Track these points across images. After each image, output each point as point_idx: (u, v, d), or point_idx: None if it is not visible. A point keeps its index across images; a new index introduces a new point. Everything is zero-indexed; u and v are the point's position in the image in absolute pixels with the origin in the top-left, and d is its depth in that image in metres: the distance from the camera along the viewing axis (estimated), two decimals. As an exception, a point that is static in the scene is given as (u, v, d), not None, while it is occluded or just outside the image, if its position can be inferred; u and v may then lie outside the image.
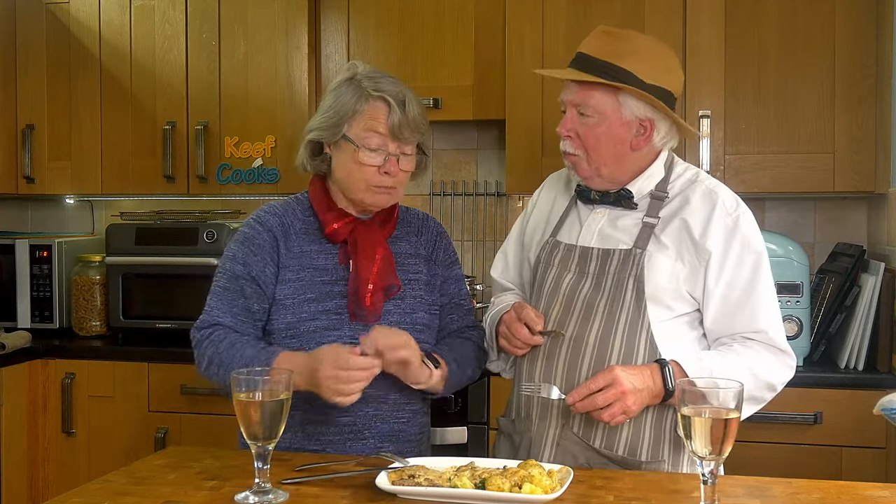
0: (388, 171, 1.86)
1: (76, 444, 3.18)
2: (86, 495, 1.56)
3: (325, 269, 1.90)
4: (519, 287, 2.12)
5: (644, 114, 1.86)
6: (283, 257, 1.89)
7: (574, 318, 1.85)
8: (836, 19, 2.84)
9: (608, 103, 1.84)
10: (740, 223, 1.84)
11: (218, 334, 1.85)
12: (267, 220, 1.92)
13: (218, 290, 1.91)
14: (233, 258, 1.91)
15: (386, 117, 1.84)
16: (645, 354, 1.80)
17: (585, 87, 1.84)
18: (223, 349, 1.83)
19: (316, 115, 1.93)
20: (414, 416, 1.95)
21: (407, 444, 1.92)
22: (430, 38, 3.20)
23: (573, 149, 1.88)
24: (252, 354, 1.79)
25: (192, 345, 1.90)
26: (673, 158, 1.96)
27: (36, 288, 3.42)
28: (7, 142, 3.47)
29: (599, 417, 1.72)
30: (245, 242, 1.91)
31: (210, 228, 3.23)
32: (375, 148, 1.85)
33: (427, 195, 3.54)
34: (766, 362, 1.81)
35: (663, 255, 1.83)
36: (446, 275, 2.04)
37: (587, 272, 1.88)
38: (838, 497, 1.54)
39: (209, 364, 1.85)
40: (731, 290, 1.82)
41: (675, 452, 1.84)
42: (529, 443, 1.88)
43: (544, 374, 1.86)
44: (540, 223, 2.05)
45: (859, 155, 2.83)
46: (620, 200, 1.90)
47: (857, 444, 2.61)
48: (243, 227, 1.94)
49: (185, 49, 3.33)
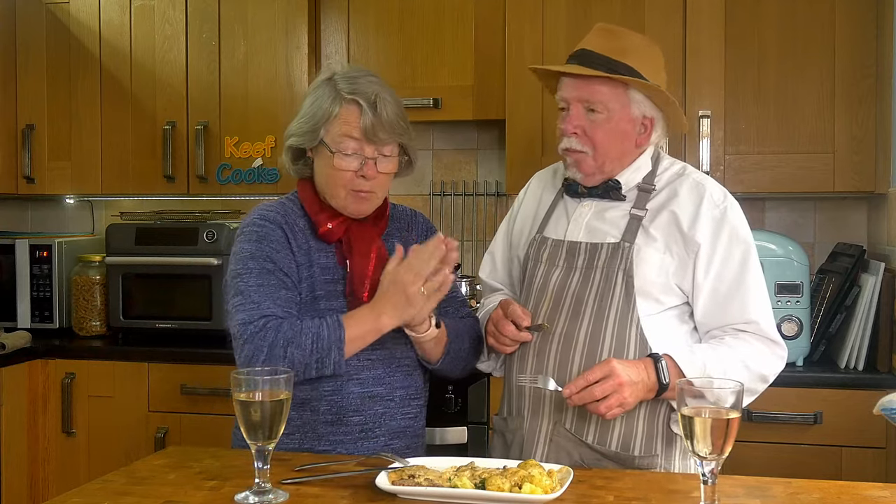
0: (365, 174, 1.84)
1: (76, 444, 3.18)
2: (86, 495, 1.55)
3: (328, 268, 1.90)
4: (508, 287, 2.12)
5: (649, 111, 1.88)
6: (296, 254, 1.87)
7: (563, 313, 1.85)
8: (836, 19, 2.84)
9: (618, 99, 1.85)
10: (728, 215, 1.85)
11: (276, 321, 1.77)
12: (272, 216, 1.89)
13: (252, 286, 1.80)
14: (254, 256, 1.83)
15: (359, 120, 1.82)
16: (635, 349, 1.81)
17: (594, 82, 1.84)
18: (286, 328, 1.75)
19: (295, 119, 1.91)
20: (420, 412, 1.97)
21: (415, 438, 1.94)
22: (430, 38, 3.20)
23: (580, 145, 1.87)
24: (318, 323, 1.76)
25: (242, 339, 1.77)
26: (659, 153, 1.97)
27: (36, 288, 3.42)
28: (7, 142, 3.47)
29: (596, 410, 1.71)
30: (262, 240, 1.85)
31: (210, 228, 3.23)
32: (351, 153, 1.83)
33: (427, 195, 3.54)
34: (759, 354, 1.82)
35: (652, 248, 1.83)
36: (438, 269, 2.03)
37: (575, 267, 1.88)
38: (838, 497, 1.54)
39: (271, 349, 1.73)
40: (721, 282, 1.83)
41: (668, 447, 1.85)
42: (522, 440, 1.88)
43: (535, 370, 1.86)
44: (527, 220, 2.05)
45: (859, 155, 2.83)
46: (609, 192, 1.90)
47: (857, 444, 2.60)
48: (249, 226, 1.88)
49: (185, 49, 3.33)
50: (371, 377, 1.88)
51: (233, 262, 1.86)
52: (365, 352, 1.84)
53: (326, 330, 1.75)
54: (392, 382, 1.89)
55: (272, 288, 1.81)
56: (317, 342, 1.75)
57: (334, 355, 1.75)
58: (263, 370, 1.55)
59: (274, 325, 1.76)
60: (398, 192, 3.52)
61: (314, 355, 1.75)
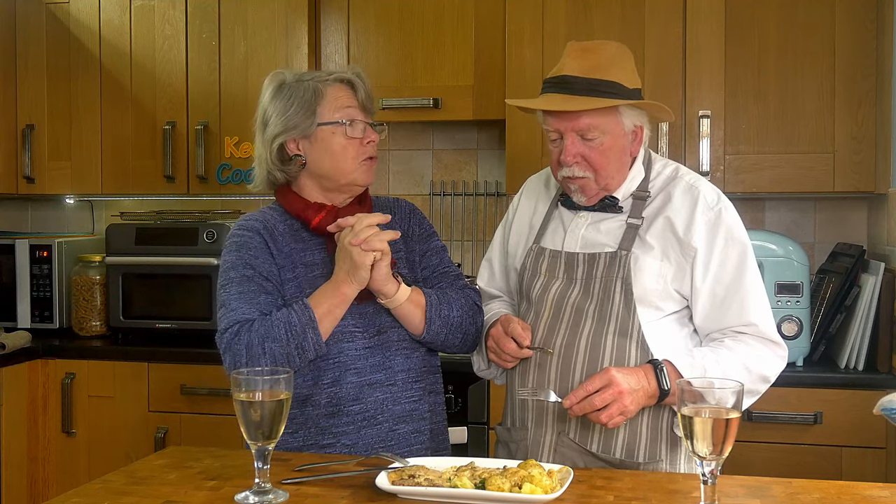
0: (371, 139, 1.93)
1: (76, 444, 3.18)
2: (86, 495, 1.56)
3: (315, 264, 1.92)
4: (507, 294, 2.12)
5: (637, 120, 1.89)
6: (276, 257, 1.90)
7: (563, 325, 1.85)
8: (836, 19, 2.84)
9: (610, 120, 1.84)
10: (722, 216, 1.85)
11: (245, 326, 1.81)
12: (251, 224, 1.93)
13: (234, 294, 1.85)
14: (234, 265, 1.88)
15: (351, 94, 1.92)
16: (637, 356, 1.80)
17: (585, 113, 1.82)
18: (257, 327, 1.79)
19: (267, 125, 1.92)
20: (423, 393, 1.95)
21: (422, 422, 1.93)
22: (430, 38, 3.20)
23: (582, 172, 1.86)
24: (285, 312, 1.80)
25: (222, 349, 1.82)
26: (650, 155, 1.97)
27: (36, 288, 3.42)
28: (7, 142, 3.47)
29: (597, 419, 1.71)
30: (241, 248, 1.89)
31: (210, 228, 3.23)
32: (355, 120, 1.91)
33: (427, 195, 3.54)
34: (759, 355, 1.82)
35: (649, 256, 1.83)
36: (425, 248, 2.04)
37: (575, 278, 1.87)
38: (838, 497, 1.54)
39: (249, 349, 1.78)
40: (719, 285, 1.82)
41: (672, 451, 1.84)
42: (526, 450, 1.88)
43: (537, 382, 1.86)
44: (523, 229, 2.05)
45: (859, 155, 2.83)
46: (605, 207, 1.90)
47: (857, 444, 2.61)
48: (229, 237, 1.93)
49: (185, 49, 3.33)
50: (369, 365, 1.88)
51: (219, 275, 1.93)
52: (362, 340, 1.87)
53: (296, 316, 1.79)
54: (392, 367, 1.89)
55: (252, 294, 1.86)
56: (290, 330, 1.78)
57: (311, 337, 1.79)
58: (263, 370, 1.55)
59: (246, 328, 1.80)
60: (398, 192, 3.53)
61: (291, 343, 1.78)
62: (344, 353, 1.86)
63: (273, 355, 1.77)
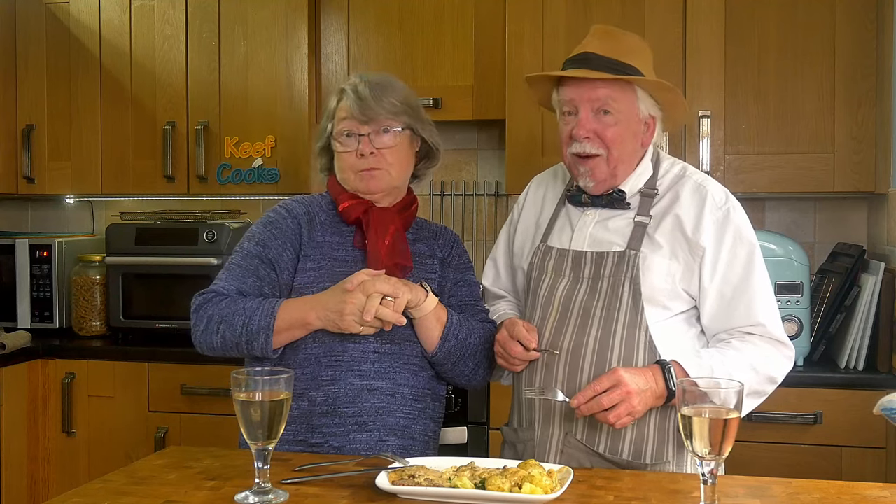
0: (363, 151, 1.92)
1: (76, 444, 3.18)
2: (86, 495, 1.56)
3: (345, 261, 1.93)
4: (512, 294, 2.12)
5: (652, 110, 1.89)
6: (304, 245, 1.94)
7: (571, 324, 1.84)
8: (836, 19, 2.84)
9: (627, 98, 1.85)
10: (731, 216, 1.84)
11: (219, 297, 1.89)
12: (293, 207, 1.99)
13: (232, 266, 1.95)
14: (251, 238, 1.96)
15: (347, 105, 1.95)
16: (644, 357, 1.80)
17: (604, 84, 1.83)
18: (224, 306, 1.86)
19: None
20: (421, 414, 1.93)
21: (411, 440, 1.91)
22: (430, 38, 3.20)
23: (595, 148, 1.85)
24: (254, 306, 1.84)
25: (192, 310, 1.91)
26: (658, 153, 1.96)
27: (36, 288, 3.42)
28: (7, 142, 3.47)
29: (605, 419, 1.71)
30: (268, 225, 1.96)
31: (210, 228, 3.23)
32: (348, 134, 1.94)
33: (427, 195, 3.53)
34: (766, 356, 1.81)
35: (658, 255, 1.83)
36: (458, 278, 2.05)
37: (582, 277, 1.87)
38: (838, 497, 1.54)
39: (209, 323, 1.87)
40: (727, 285, 1.82)
41: (679, 453, 1.84)
42: (533, 451, 1.87)
43: (544, 382, 1.85)
44: (529, 229, 2.04)
45: (859, 155, 2.83)
46: (613, 202, 1.89)
47: (857, 444, 2.61)
48: (269, 211, 2.01)
49: (185, 49, 3.33)
50: (373, 370, 1.87)
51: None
52: (372, 344, 1.87)
53: (259, 315, 1.83)
54: (396, 378, 1.88)
55: (244, 272, 1.92)
56: (246, 325, 1.83)
57: (262, 340, 1.83)
58: (264, 370, 1.56)
59: (216, 301, 1.87)
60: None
61: (243, 337, 1.84)
62: (348, 353, 1.86)
63: (224, 339, 1.85)
